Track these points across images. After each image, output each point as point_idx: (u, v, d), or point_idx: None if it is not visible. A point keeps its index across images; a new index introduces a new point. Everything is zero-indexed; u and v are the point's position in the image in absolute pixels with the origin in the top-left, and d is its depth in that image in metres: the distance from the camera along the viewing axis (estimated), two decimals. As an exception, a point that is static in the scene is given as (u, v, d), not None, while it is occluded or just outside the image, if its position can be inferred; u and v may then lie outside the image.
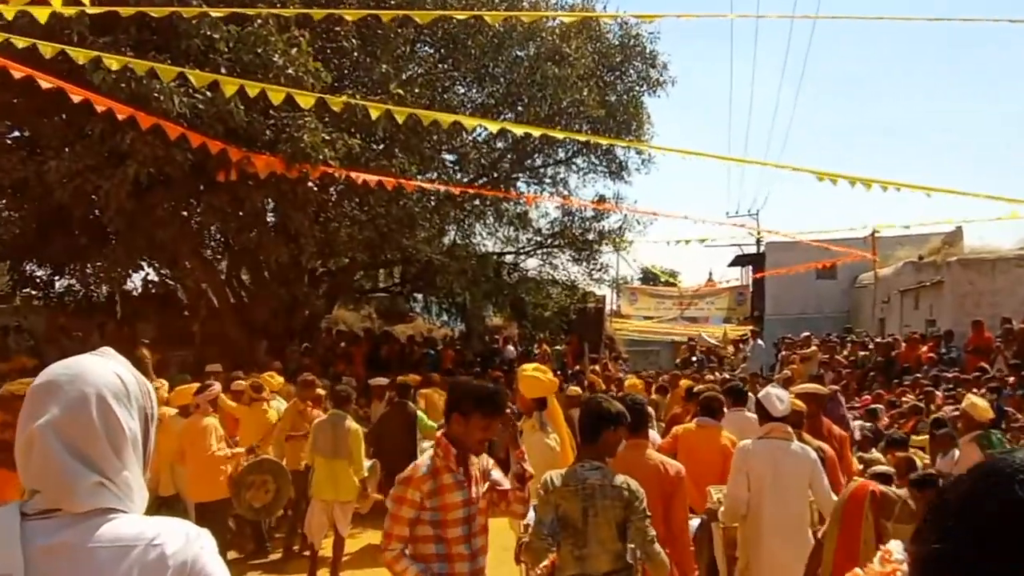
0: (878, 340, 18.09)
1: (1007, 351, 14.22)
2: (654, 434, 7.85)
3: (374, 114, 9.45)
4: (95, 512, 1.59)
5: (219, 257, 16.42)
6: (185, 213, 12.54)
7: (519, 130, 10.58)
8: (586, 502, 3.88)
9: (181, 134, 8.74)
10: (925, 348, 16.19)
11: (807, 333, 18.85)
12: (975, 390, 10.82)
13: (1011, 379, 12.51)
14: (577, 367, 18.58)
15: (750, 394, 8.29)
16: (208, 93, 9.70)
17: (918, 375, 14.26)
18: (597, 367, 18.30)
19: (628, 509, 3.87)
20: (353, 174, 10.82)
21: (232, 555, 8.66)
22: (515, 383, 6.27)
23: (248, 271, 16.26)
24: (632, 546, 3.88)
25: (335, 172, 10.81)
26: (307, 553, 8.60)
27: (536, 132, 9.86)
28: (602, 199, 18.50)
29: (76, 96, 7.39)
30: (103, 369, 1.67)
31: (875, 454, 10.00)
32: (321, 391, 9.81)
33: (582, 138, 13.19)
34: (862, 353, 17.46)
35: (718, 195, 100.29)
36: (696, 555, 5.68)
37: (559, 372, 17.58)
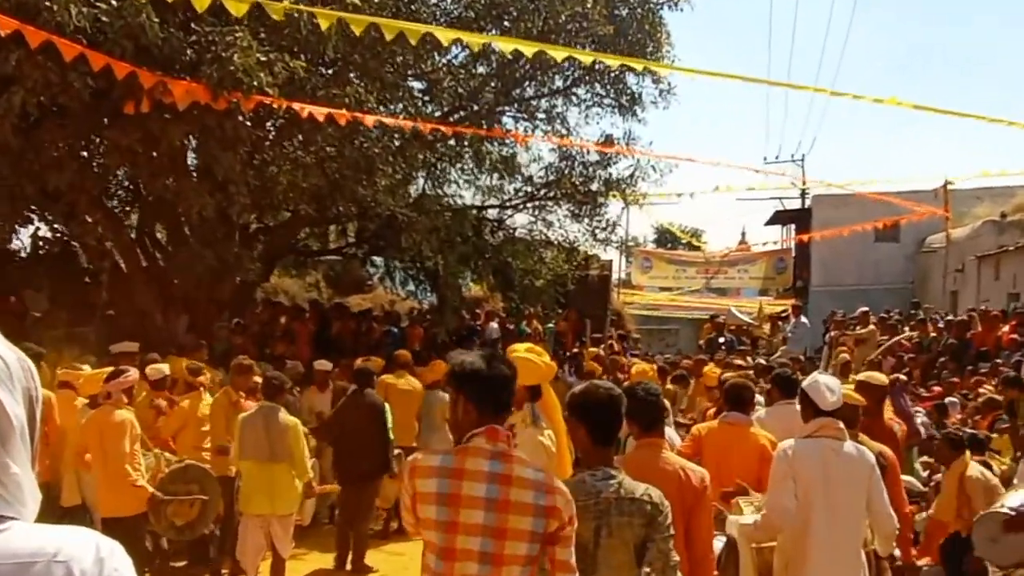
0: (950, 318, 18.23)
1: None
2: (671, 432, 7.92)
3: (324, 25, 9.40)
4: None
5: (128, 209, 16.30)
6: (85, 154, 12.43)
7: (507, 47, 10.55)
8: (599, 520, 3.88)
9: (79, 54, 8.65)
10: (1007, 328, 16.34)
11: (863, 308, 18.94)
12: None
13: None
14: (576, 349, 18.67)
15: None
16: (113, 2, 9.59)
17: (998, 360, 14.40)
18: (601, 349, 18.36)
19: (650, 527, 3.89)
20: (296, 105, 10.74)
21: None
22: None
23: (164, 227, 16.16)
24: (648, 570, 3.90)
25: (273, 103, 10.74)
26: (241, 579, 8.67)
27: (529, 50, 9.85)
28: (609, 140, 18.39)
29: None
30: None
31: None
32: (259, 379, 9.83)
33: (586, 58, 13.08)
34: (932, 334, 17.59)
35: (754, 136, 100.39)
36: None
37: (555, 355, 17.67)
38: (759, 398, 8.21)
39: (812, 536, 5.05)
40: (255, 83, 10.32)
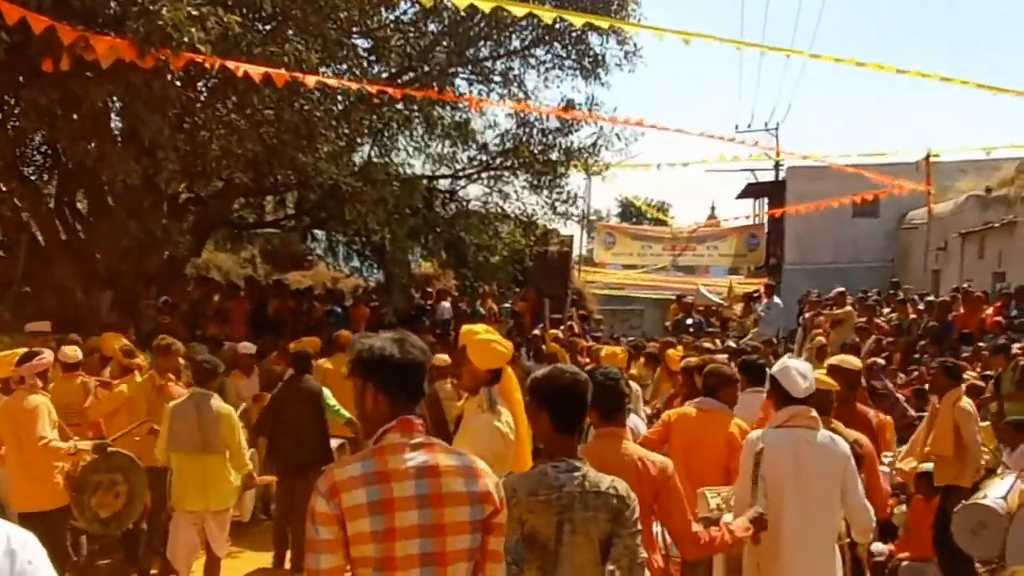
0: (931, 298, 18.48)
1: (1099, 314, 14.64)
2: (635, 419, 7.99)
3: (262, -26, 9.32)
4: None
5: (46, 177, 16.09)
6: (-3, 115, 12.26)
7: (462, 2, 10.49)
8: (562, 515, 3.86)
9: (-9, 5, 8.51)
10: (991, 309, 16.60)
11: (840, 288, 19.16)
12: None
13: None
14: (535, 332, 18.73)
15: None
16: (30, -51, 9.44)
17: (981, 344, 14.62)
18: (560, 331, 18.44)
19: (616, 522, 3.89)
20: (230, 64, 10.64)
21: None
22: (456, 349, 6.27)
23: (86, 196, 15.98)
24: (612, 568, 3.92)
25: (205, 61, 10.62)
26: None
27: (485, 5, 9.81)
28: (570, 105, 18.37)
29: None
30: None
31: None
32: (183, 360, 9.78)
33: (547, 15, 13.08)
34: (911, 316, 17.82)
35: (725, 103, 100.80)
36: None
37: (512, 336, 17.73)
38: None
39: (783, 531, 5.08)
40: (185, 39, 10.19)
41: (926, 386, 12.83)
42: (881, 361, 12.97)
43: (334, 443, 10.30)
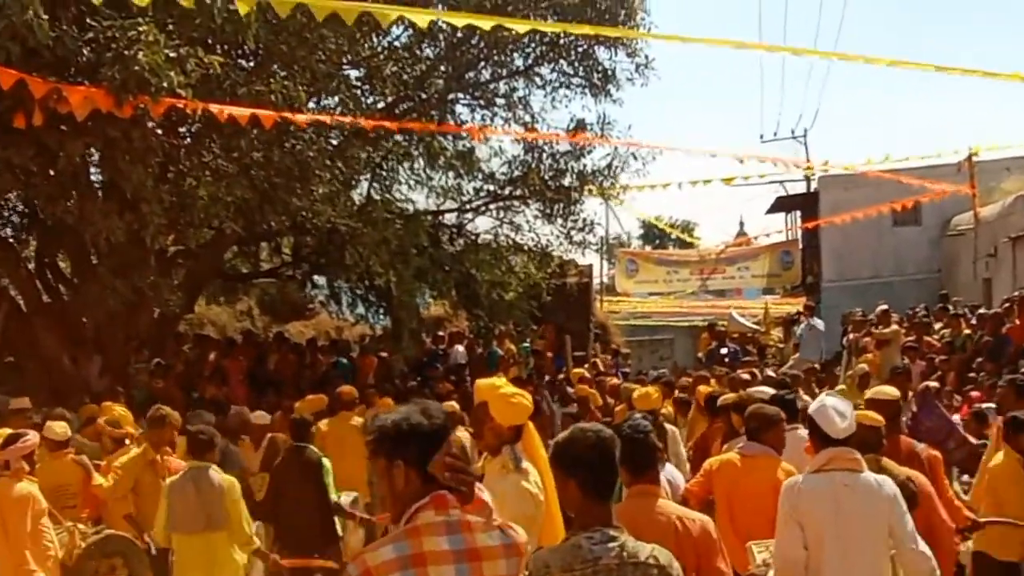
0: (983, 311, 18.36)
1: None
2: (672, 470, 7.90)
3: (242, 10, 9.36)
4: None
5: (24, 236, 16.15)
6: (-32, 176, 12.31)
7: (459, 21, 10.51)
8: (598, 590, 3.85)
9: (-43, 61, 8.57)
10: (1050, 319, 16.45)
11: (884, 306, 19.06)
12: None
13: None
14: (560, 375, 18.68)
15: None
16: (-6, -4, 9.51)
17: (1040, 359, 14.52)
18: (586, 370, 18.39)
19: (657, 596, 3.87)
20: (214, 107, 10.70)
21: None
22: (472, 402, 6.23)
23: (67, 256, 16.01)
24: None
25: (187, 105, 10.68)
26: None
27: (485, 24, 9.82)
28: (581, 126, 18.37)
29: None
30: None
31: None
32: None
33: (552, 29, 13.11)
34: (964, 331, 17.71)
35: (748, 112, 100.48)
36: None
37: (531, 379, 17.68)
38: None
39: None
40: (164, 83, 10.25)
41: (984, 406, 12.72)
42: (935, 384, 12.82)
43: (346, 499, 10.21)
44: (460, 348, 20.75)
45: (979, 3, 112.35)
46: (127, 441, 9.70)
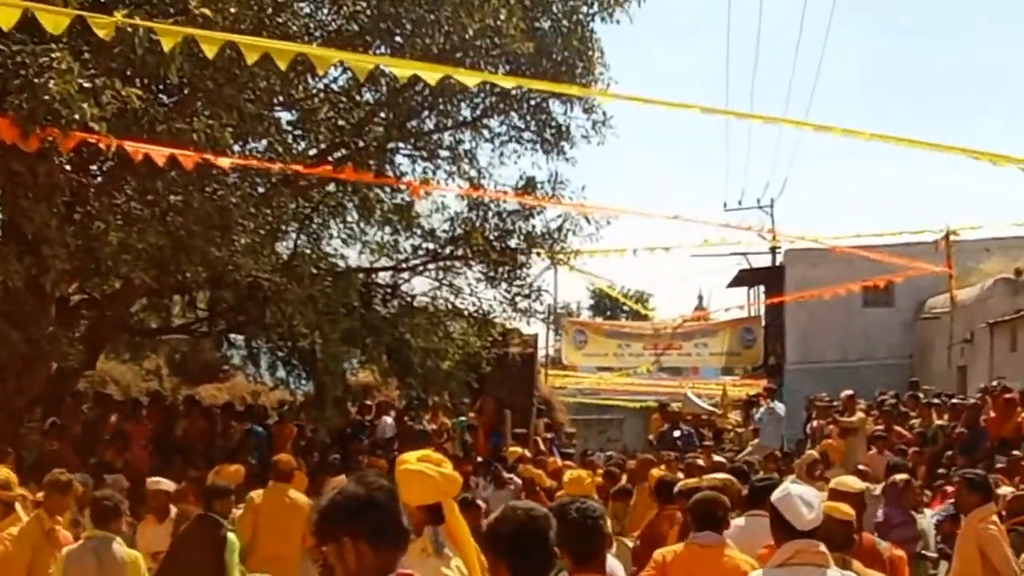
0: (957, 400, 18.55)
1: None
2: (614, 563, 7.87)
3: (166, 45, 9.36)
4: None
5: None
6: None
7: (403, 71, 10.57)
8: None
9: None
10: (1028, 412, 16.63)
11: (848, 392, 19.20)
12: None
13: None
14: (500, 453, 18.61)
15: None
16: None
17: (1016, 453, 14.65)
18: (527, 451, 18.35)
19: None
20: (129, 144, 10.66)
21: None
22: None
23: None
24: None
25: (100, 141, 10.64)
26: None
27: (431, 75, 9.86)
28: (531, 184, 18.49)
29: None
30: None
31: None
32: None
33: (504, 83, 13.20)
34: (936, 422, 17.85)
35: (712, 178, 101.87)
36: None
37: (465, 457, 17.61)
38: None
39: None
40: (76, 116, 10.22)
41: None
42: (903, 477, 12.90)
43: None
44: (388, 420, 20.65)
45: (959, 80, 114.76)
46: (17, 506, 9.51)
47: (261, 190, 14.33)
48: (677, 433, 22.64)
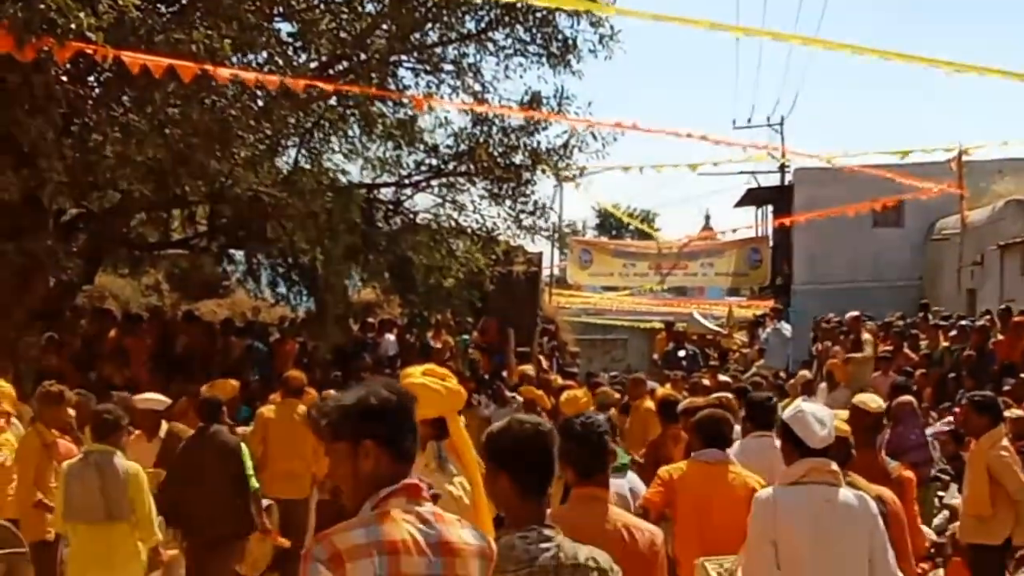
0: (965, 323, 18.57)
1: None
2: (633, 478, 7.94)
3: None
4: None
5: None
6: None
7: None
8: (534, 593, 3.87)
9: None
10: (1037, 336, 16.65)
11: (853, 313, 19.19)
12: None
13: None
14: (503, 372, 18.70)
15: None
16: None
17: None
18: (530, 368, 18.41)
19: (594, 600, 3.88)
20: (126, 55, 10.59)
21: None
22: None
23: (-46, 215, 15.86)
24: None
25: (97, 52, 10.56)
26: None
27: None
28: (536, 99, 18.34)
29: None
30: None
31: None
32: (72, 411, 9.66)
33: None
34: (944, 344, 17.88)
35: (721, 95, 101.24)
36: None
37: (468, 375, 17.68)
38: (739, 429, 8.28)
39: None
40: (72, 25, 10.13)
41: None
42: (911, 399, 12.94)
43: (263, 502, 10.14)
44: (391, 337, 20.71)
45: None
46: (14, 420, 9.59)
47: (261, 103, 14.20)
48: (682, 353, 22.75)
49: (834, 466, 5.30)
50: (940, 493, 11.00)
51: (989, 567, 8.70)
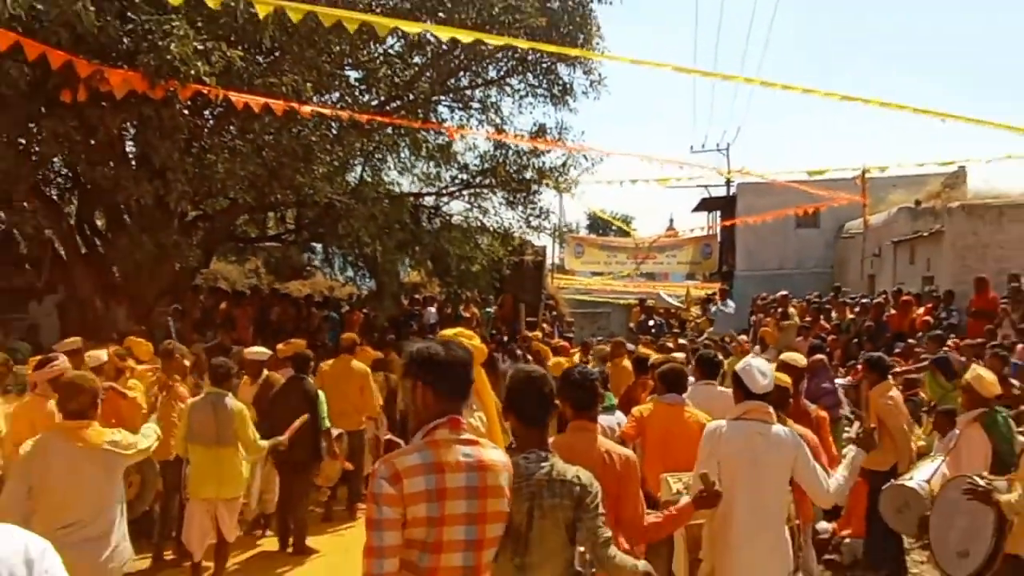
0: (866, 300, 18.53)
1: (1014, 313, 14.65)
2: (620, 416, 7.97)
3: (261, 13, 9.28)
4: None
5: (66, 197, 15.96)
6: (22, 142, 12.13)
7: (445, 34, 10.51)
8: (531, 501, 3.85)
9: (15, 42, 8.44)
10: (921, 311, 16.63)
11: (783, 292, 19.14)
12: (977, 359, 11.22)
13: (1019, 345, 12.93)
14: (513, 333, 18.69)
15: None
16: (49, -11, 9.37)
17: (911, 341, 14.65)
18: (537, 333, 18.41)
19: (579, 507, 3.88)
20: (233, 95, 10.60)
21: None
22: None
23: (103, 214, 15.85)
24: (582, 550, 3.90)
25: (210, 92, 10.57)
26: (186, 564, 8.56)
27: (466, 37, 9.79)
28: (542, 130, 18.37)
29: None
30: None
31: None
32: (187, 361, 9.72)
33: (523, 45, 13.10)
34: (850, 316, 17.83)
35: (681, 126, 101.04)
36: (652, 556, 5.79)
37: (491, 338, 17.69)
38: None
39: (736, 513, 5.08)
40: (192, 72, 10.15)
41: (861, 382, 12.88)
42: (822, 357, 12.93)
43: (334, 432, 10.15)
44: (432, 310, 20.72)
45: (884, 38, 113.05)
46: (126, 373, 9.59)
47: (334, 132, 14.19)
48: (651, 322, 22.73)
49: (769, 408, 5.30)
50: (847, 430, 10.95)
51: (879, 487, 8.78)
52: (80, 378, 5.91)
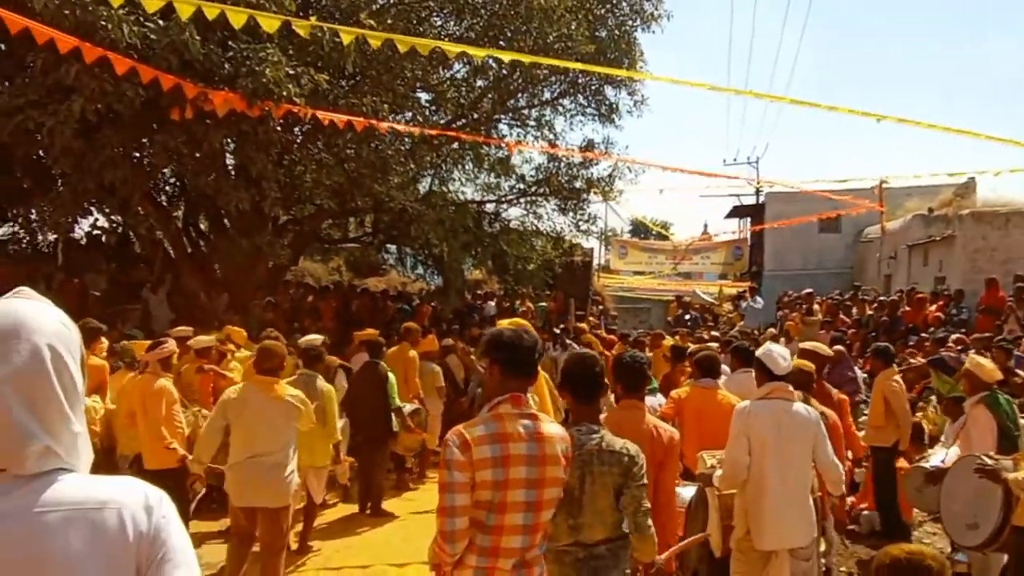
0: (883, 298, 18.22)
1: (1020, 311, 14.33)
2: (661, 398, 7.95)
3: (345, 40, 9.34)
4: (41, 473, 1.55)
5: (175, 203, 16.22)
6: (137, 154, 12.35)
7: (507, 57, 10.54)
8: (583, 468, 3.89)
9: (131, 67, 8.57)
10: (933, 308, 16.33)
11: (808, 290, 18.91)
12: (984, 352, 10.97)
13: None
14: (563, 325, 18.63)
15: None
16: (160, 21, 9.50)
17: (924, 336, 14.38)
18: (585, 325, 18.33)
19: (627, 476, 3.89)
20: (320, 113, 10.68)
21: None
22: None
23: (206, 218, 16.10)
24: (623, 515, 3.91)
25: (300, 111, 10.65)
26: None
27: (526, 59, 9.80)
28: (590, 145, 18.32)
29: (15, 25, 7.20)
30: (46, 316, 1.62)
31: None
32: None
33: (575, 66, 13.09)
34: (868, 313, 17.56)
35: (715, 141, 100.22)
36: (690, 522, 5.75)
37: (543, 329, 17.66)
38: (724, 367, 8.20)
39: (766, 484, 5.02)
40: (284, 93, 10.23)
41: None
42: (843, 349, 12.72)
43: (409, 408, 10.19)
44: (491, 304, 20.78)
45: (898, 61, 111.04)
46: (228, 357, 9.74)
47: (407, 146, 14.26)
48: (688, 317, 22.54)
49: (790, 388, 5.25)
50: (864, 413, 10.78)
51: (883, 461, 8.86)
52: (274, 345, 6.88)
